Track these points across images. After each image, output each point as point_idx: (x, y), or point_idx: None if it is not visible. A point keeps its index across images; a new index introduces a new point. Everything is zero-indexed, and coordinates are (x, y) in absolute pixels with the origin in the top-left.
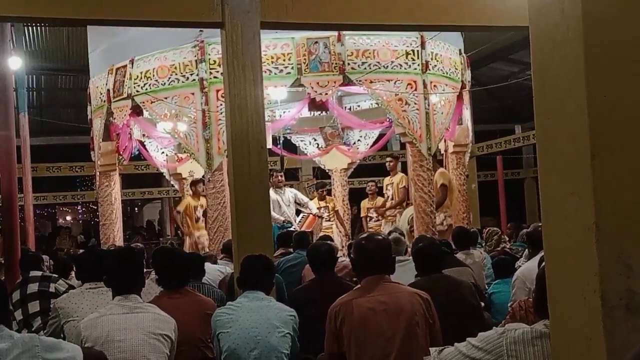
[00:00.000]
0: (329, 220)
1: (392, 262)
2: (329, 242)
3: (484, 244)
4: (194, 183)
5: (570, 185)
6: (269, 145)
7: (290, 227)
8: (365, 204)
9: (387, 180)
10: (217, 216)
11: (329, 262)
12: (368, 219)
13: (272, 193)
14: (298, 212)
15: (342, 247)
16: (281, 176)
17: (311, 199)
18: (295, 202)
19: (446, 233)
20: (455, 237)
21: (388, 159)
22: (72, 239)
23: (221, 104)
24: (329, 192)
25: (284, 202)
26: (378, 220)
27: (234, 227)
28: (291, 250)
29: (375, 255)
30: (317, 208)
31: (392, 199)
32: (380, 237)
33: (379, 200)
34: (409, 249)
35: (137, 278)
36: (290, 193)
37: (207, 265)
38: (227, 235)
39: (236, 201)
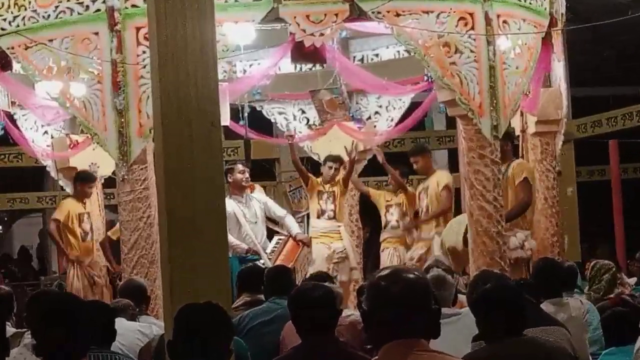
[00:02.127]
0: (334, 218)
1: (432, 316)
2: (326, 284)
3: (587, 288)
4: (82, 179)
5: None
6: (226, 121)
7: (257, 259)
8: (383, 196)
9: (420, 185)
10: (136, 240)
11: (325, 318)
12: (387, 223)
13: (229, 202)
14: (271, 235)
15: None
16: (241, 172)
17: (307, 180)
18: (267, 216)
19: (525, 264)
20: (540, 276)
21: (412, 159)
22: None
23: (144, 52)
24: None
25: (248, 216)
26: (396, 227)
27: (165, 258)
28: (261, 297)
29: (402, 306)
30: (319, 192)
31: (424, 210)
32: (410, 274)
33: (400, 197)
34: (460, 295)
35: None
36: (257, 202)
37: (121, 323)
38: (155, 272)
39: (169, 216)
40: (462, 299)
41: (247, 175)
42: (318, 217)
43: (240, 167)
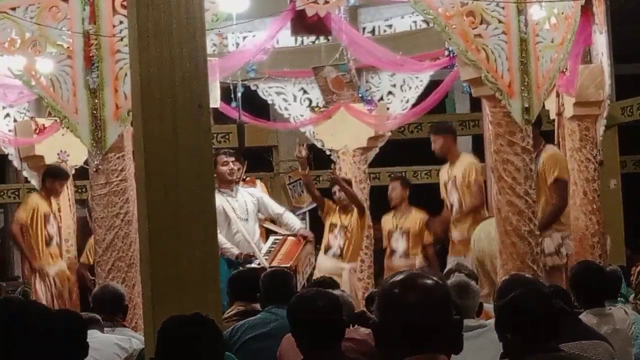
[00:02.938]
0: (339, 257)
1: (453, 329)
2: (332, 290)
3: (632, 296)
4: (54, 175)
5: None
6: (216, 102)
7: (252, 263)
8: (386, 220)
9: (444, 172)
10: (112, 240)
11: (330, 330)
12: (390, 254)
13: (216, 196)
14: (268, 234)
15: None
16: (233, 163)
17: (322, 206)
18: (260, 212)
19: (562, 271)
20: (578, 282)
21: (432, 137)
22: None
23: (122, 22)
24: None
25: (238, 212)
26: (407, 257)
27: (146, 261)
28: (256, 306)
29: (419, 316)
30: (331, 224)
31: (457, 205)
32: (428, 280)
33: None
34: (486, 305)
35: None
36: (250, 197)
37: (94, 336)
38: (133, 276)
39: (150, 212)
40: (489, 309)
41: (232, 166)
42: (325, 253)
43: (223, 157)
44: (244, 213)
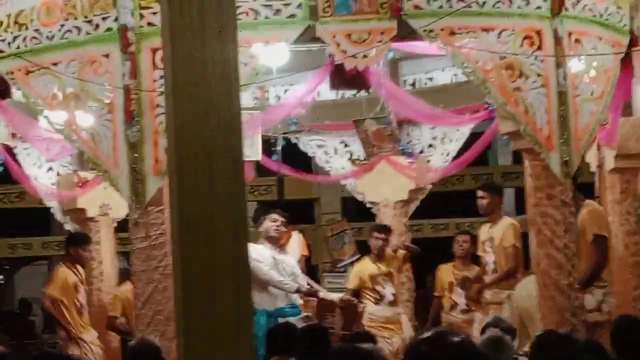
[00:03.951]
0: (394, 304)
1: None
2: (368, 346)
3: None
4: (76, 241)
5: None
6: (258, 155)
7: (294, 313)
8: (446, 271)
9: (484, 231)
10: (151, 294)
11: None
12: (451, 307)
13: (266, 250)
14: None
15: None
16: (282, 224)
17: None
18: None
19: (604, 328)
20: (618, 338)
21: (480, 193)
22: None
23: (162, 77)
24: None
25: (287, 269)
26: (468, 311)
27: (180, 315)
28: None
29: None
30: (371, 276)
31: (492, 266)
32: (456, 337)
33: (472, 269)
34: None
35: None
36: (292, 259)
37: None
38: (172, 329)
39: (183, 265)
40: None
41: (279, 226)
42: (376, 304)
43: (275, 216)
44: (290, 271)
